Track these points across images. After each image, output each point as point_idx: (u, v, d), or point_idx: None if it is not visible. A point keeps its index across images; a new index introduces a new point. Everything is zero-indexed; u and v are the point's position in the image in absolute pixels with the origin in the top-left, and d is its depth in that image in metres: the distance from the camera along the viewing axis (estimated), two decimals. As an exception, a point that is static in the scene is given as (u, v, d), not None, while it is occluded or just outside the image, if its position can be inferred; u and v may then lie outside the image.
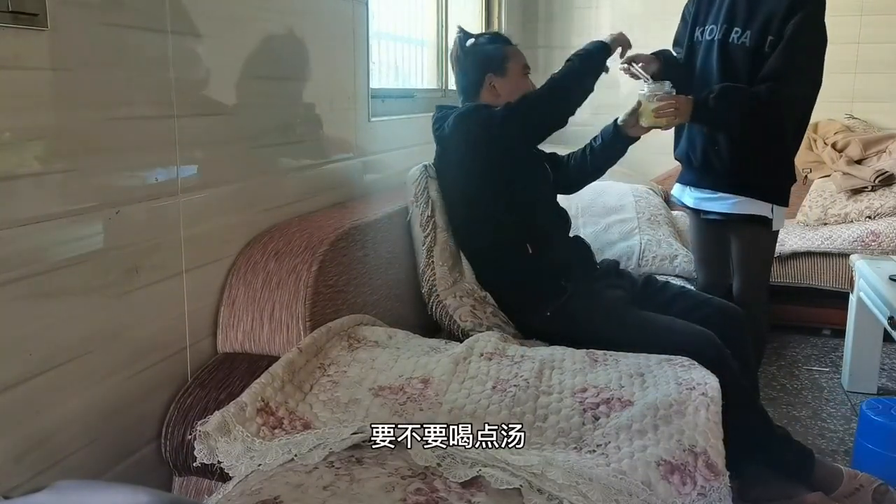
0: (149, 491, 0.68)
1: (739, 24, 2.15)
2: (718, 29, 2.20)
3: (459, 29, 2.12)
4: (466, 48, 2.07)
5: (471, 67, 2.06)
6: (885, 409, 2.06)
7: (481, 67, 2.05)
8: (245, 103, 1.67)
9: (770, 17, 2.11)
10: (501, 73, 2.05)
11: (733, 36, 2.16)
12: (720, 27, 2.20)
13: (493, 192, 1.94)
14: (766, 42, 2.11)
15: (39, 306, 1.18)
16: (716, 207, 2.28)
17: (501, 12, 3.79)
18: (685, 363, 1.53)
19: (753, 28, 2.13)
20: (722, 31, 2.19)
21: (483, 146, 1.91)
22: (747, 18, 2.15)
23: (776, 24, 2.09)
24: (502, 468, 1.10)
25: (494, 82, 2.04)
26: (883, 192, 3.47)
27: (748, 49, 2.13)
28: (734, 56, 2.17)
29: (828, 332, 3.42)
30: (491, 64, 2.05)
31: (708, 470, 1.19)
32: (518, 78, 2.06)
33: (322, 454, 1.13)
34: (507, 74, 2.05)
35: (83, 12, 1.22)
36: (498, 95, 2.03)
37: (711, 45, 2.22)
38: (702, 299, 1.98)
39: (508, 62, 2.06)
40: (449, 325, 1.88)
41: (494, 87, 2.04)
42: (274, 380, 1.32)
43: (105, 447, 1.33)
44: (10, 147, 1.11)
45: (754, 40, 2.12)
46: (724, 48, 2.18)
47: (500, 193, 1.94)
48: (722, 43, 2.19)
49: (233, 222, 1.64)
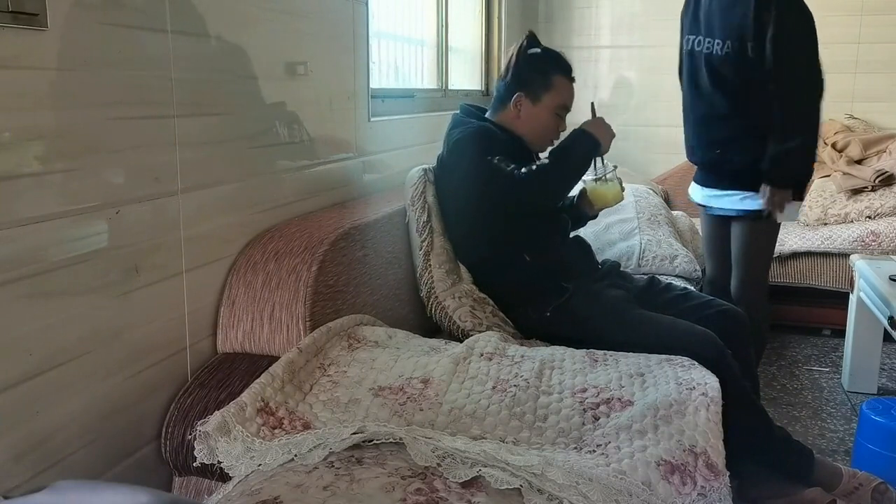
0: (149, 491, 0.68)
1: (717, 34, 2.19)
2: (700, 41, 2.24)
3: (530, 33, 2.02)
4: (526, 55, 1.98)
5: (514, 75, 1.98)
6: (885, 409, 2.06)
7: (520, 81, 1.96)
8: (245, 103, 1.67)
9: (742, 21, 2.12)
10: (533, 100, 1.95)
11: (715, 48, 2.19)
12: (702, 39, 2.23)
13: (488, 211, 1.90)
14: (748, 48, 2.13)
15: (39, 306, 1.18)
16: (723, 204, 2.34)
17: (501, 12, 3.79)
18: (685, 363, 1.53)
19: (731, 37, 2.15)
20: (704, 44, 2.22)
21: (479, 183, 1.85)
22: (723, 27, 2.17)
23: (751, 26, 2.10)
24: (502, 468, 1.10)
25: (522, 104, 1.95)
26: (883, 192, 3.47)
27: (730, 58, 2.17)
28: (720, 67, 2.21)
29: (828, 332, 3.42)
30: (527, 84, 1.95)
31: (708, 470, 1.19)
32: (546, 113, 1.96)
33: (322, 454, 1.13)
34: (537, 104, 1.95)
35: (83, 12, 1.22)
36: (518, 118, 1.96)
37: (698, 57, 2.27)
38: (703, 300, 1.98)
39: (547, 93, 1.95)
40: (449, 326, 1.88)
41: (520, 108, 1.96)
42: (274, 380, 1.32)
43: (105, 447, 1.32)
44: (10, 147, 1.11)
45: (734, 49, 2.15)
46: (709, 60, 2.22)
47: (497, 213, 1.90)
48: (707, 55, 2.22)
49: (233, 222, 1.64)
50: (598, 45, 4.23)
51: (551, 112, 1.97)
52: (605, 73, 4.25)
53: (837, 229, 3.41)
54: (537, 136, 2.01)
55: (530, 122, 1.97)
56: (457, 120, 2.01)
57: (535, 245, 1.93)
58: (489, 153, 1.83)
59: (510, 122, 1.98)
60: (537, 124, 1.97)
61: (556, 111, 1.98)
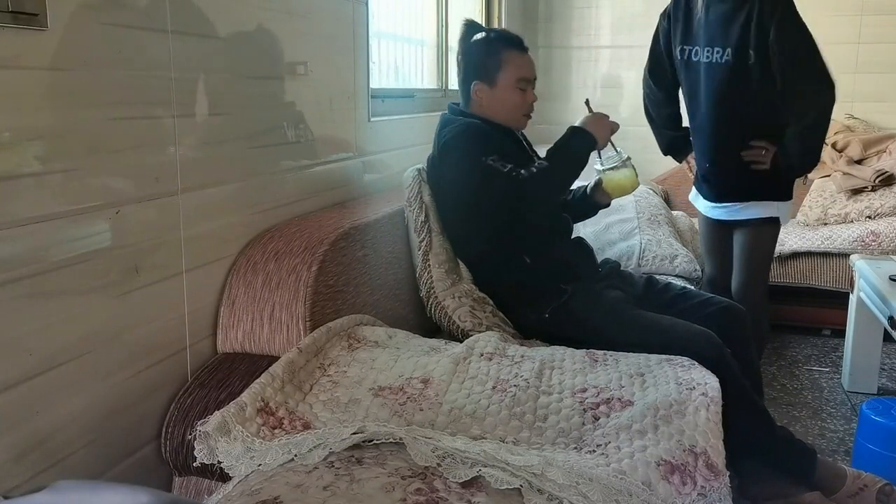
0: (149, 491, 0.68)
1: (718, 43, 2.18)
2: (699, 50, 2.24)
3: (467, 21, 1.98)
4: (468, 45, 1.94)
5: (465, 66, 1.95)
6: (885, 409, 2.06)
7: (471, 72, 1.92)
8: (245, 103, 1.67)
9: (744, 29, 2.13)
10: (490, 83, 1.89)
11: (715, 57, 2.19)
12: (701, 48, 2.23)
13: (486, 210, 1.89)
14: (749, 56, 2.13)
15: (39, 306, 1.18)
16: (723, 216, 2.35)
17: (501, 12, 3.79)
18: (685, 363, 1.53)
19: (731, 45, 2.15)
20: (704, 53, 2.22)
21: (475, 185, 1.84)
22: (723, 36, 2.17)
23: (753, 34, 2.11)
24: (502, 468, 1.10)
25: (480, 92, 1.90)
26: (883, 192, 3.47)
27: (732, 67, 2.17)
28: (720, 76, 2.21)
29: (828, 332, 3.42)
30: (479, 71, 1.91)
31: (708, 470, 1.19)
32: (507, 92, 1.90)
33: (322, 454, 1.13)
34: (494, 86, 1.90)
35: (83, 12, 1.22)
36: (482, 105, 1.92)
37: (696, 67, 2.26)
38: (703, 299, 1.97)
39: (500, 72, 1.89)
40: (448, 326, 1.87)
41: (480, 96, 1.91)
42: (274, 380, 1.32)
43: (105, 447, 1.32)
44: (10, 147, 1.11)
45: (736, 57, 2.15)
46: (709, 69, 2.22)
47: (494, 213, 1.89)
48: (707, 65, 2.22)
49: (233, 222, 1.64)
50: (597, 44, 4.22)
51: (512, 88, 1.92)
52: (605, 73, 4.24)
53: (837, 229, 3.41)
54: (507, 115, 1.95)
55: (495, 105, 1.92)
56: (445, 119, 1.99)
57: (535, 247, 1.92)
58: (482, 152, 1.81)
59: (481, 111, 1.94)
60: (502, 105, 1.92)
61: (518, 85, 1.92)
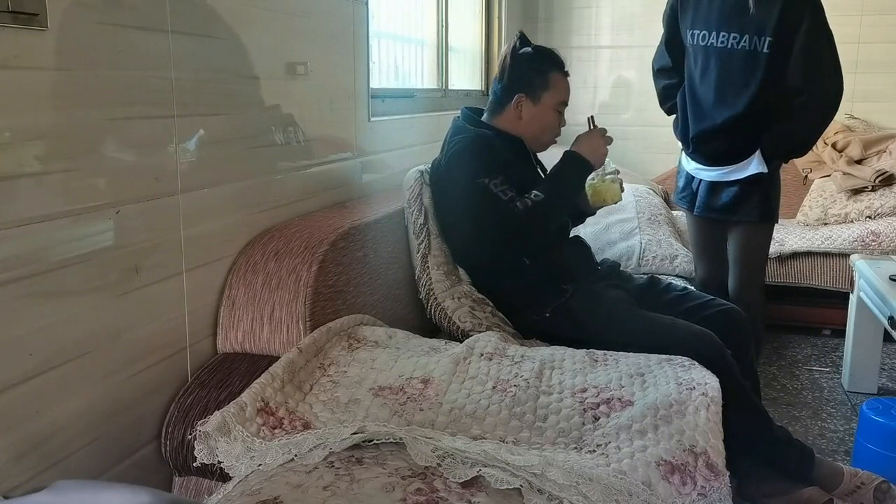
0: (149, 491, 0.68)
1: (736, 29, 2.19)
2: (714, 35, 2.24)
3: (521, 33, 2.03)
4: (517, 55, 1.97)
5: (510, 77, 1.97)
6: (885, 409, 2.06)
7: (518, 83, 1.96)
8: (245, 103, 1.67)
9: (765, 19, 2.14)
10: (534, 100, 1.96)
11: (731, 42, 2.19)
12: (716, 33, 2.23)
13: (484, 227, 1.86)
14: (765, 44, 2.14)
15: (40, 306, 1.18)
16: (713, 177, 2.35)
17: (501, 12, 3.79)
18: (685, 363, 1.54)
19: (750, 32, 2.16)
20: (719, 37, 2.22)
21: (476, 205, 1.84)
22: (742, 23, 2.18)
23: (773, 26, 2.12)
24: (502, 468, 1.10)
25: (523, 105, 1.95)
26: (883, 192, 3.47)
27: (747, 53, 2.17)
28: (733, 61, 2.21)
29: (828, 332, 3.42)
30: (527, 86, 1.96)
31: (708, 470, 1.19)
32: (547, 112, 1.97)
33: (322, 454, 1.13)
34: (538, 103, 1.96)
35: (83, 12, 1.22)
36: (520, 119, 1.96)
37: (709, 51, 2.25)
38: (703, 300, 1.98)
39: (546, 91, 1.96)
40: (448, 327, 1.87)
41: (521, 109, 1.96)
42: (274, 380, 1.32)
43: (105, 447, 1.32)
44: (10, 147, 1.11)
45: (752, 44, 2.15)
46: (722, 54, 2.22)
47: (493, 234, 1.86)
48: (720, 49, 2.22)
49: (233, 222, 1.64)
50: (597, 45, 4.22)
51: (552, 110, 1.98)
52: (605, 73, 4.24)
53: (837, 229, 3.41)
54: (539, 133, 2.01)
55: (533, 122, 1.97)
56: (458, 126, 1.99)
57: (535, 250, 1.92)
58: (486, 172, 1.82)
59: (511, 124, 1.97)
60: (540, 124, 1.98)
61: (557, 108, 1.99)
